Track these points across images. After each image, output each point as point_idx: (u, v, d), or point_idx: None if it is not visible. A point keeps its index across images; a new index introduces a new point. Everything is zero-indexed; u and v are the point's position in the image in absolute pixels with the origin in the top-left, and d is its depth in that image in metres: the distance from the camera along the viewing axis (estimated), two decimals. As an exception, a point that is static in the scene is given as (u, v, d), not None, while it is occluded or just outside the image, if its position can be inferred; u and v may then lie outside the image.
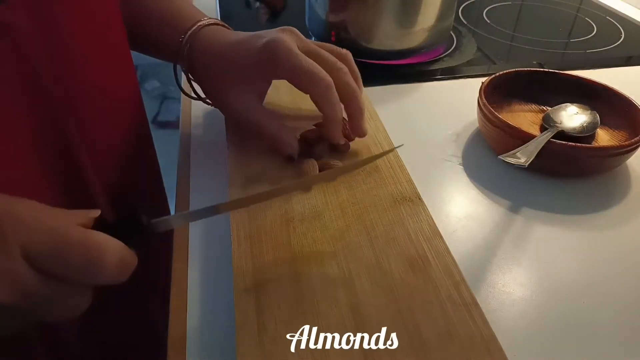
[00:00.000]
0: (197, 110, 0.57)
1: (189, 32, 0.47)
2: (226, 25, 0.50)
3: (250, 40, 0.44)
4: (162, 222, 0.31)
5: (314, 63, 0.42)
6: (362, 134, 0.45)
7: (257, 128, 0.44)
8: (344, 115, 0.45)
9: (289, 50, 0.42)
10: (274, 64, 0.42)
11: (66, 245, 0.27)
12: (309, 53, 0.43)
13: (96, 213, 0.30)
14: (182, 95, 0.53)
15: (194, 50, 0.47)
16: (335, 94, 0.42)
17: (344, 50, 0.46)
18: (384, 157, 0.45)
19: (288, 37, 0.43)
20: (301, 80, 0.42)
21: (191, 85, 0.51)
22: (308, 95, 0.44)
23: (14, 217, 0.26)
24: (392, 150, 0.44)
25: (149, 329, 0.57)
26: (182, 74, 0.49)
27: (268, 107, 0.46)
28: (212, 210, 0.33)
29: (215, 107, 0.50)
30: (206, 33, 0.47)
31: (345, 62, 0.45)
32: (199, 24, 0.47)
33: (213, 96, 0.49)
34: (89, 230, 0.28)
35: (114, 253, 0.27)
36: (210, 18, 0.49)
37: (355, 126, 0.45)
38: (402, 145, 0.43)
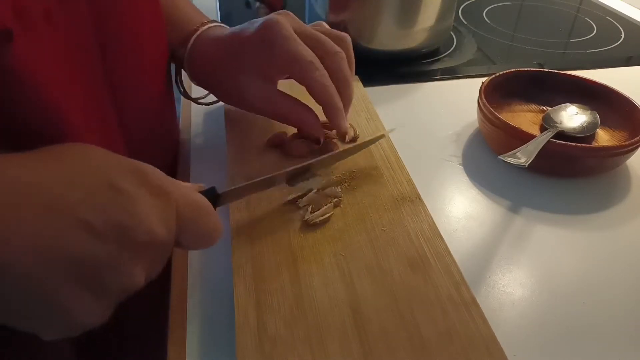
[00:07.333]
0: (196, 110, 0.57)
1: (193, 36, 0.46)
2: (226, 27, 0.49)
3: (248, 26, 0.43)
4: (229, 193, 0.35)
5: (309, 51, 0.40)
6: (340, 128, 0.42)
7: (279, 117, 0.45)
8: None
9: (284, 35, 0.40)
10: (268, 48, 0.40)
11: (201, 213, 0.29)
12: (305, 37, 0.41)
13: (202, 187, 0.33)
14: (182, 96, 0.53)
15: (195, 51, 0.46)
16: (331, 82, 0.41)
17: (343, 34, 0.45)
18: (384, 157, 0.45)
19: (284, 20, 0.41)
20: (296, 68, 0.40)
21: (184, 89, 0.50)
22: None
23: (167, 178, 0.28)
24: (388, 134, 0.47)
25: (148, 328, 0.57)
26: (181, 76, 0.49)
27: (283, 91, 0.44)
28: (269, 182, 0.38)
29: (230, 104, 0.49)
30: (207, 33, 0.47)
31: (342, 46, 0.43)
32: (201, 28, 0.47)
33: (223, 93, 0.47)
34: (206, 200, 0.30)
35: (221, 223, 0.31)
36: (212, 20, 0.48)
37: (337, 116, 0.42)
38: (394, 129, 0.48)
